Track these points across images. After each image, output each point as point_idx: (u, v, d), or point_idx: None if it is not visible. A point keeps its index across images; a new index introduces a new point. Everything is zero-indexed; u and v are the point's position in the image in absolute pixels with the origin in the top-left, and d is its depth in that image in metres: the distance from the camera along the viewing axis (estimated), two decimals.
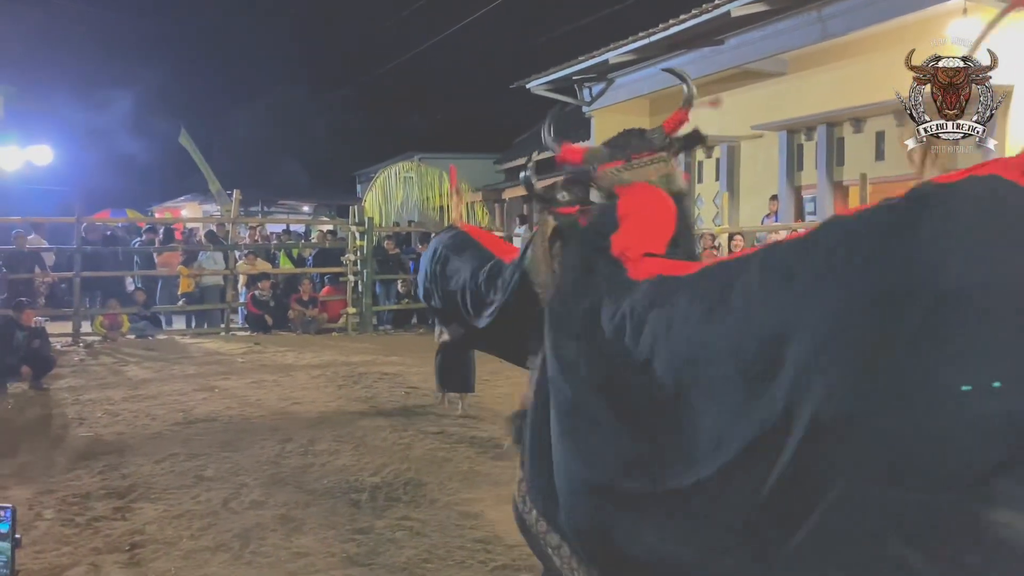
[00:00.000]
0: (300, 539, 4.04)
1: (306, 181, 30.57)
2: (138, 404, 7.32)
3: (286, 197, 27.30)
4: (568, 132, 18.20)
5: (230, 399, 7.61)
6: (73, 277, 11.83)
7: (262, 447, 5.81)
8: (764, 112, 11.97)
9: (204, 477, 5.11)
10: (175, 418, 6.78)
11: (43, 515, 4.39)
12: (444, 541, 4.03)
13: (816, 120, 11.25)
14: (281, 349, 10.80)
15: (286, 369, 9.19)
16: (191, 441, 6.00)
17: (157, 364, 9.59)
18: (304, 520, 4.30)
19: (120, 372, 9.14)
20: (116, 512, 4.45)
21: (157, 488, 4.88)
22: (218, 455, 5.60)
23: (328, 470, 5.24)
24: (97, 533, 4.13)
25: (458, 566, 3.75)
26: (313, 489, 4.84)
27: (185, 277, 12.89)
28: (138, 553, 3.88)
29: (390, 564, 3.75)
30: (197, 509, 4.50)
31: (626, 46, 13.10)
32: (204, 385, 8.25)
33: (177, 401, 7.46)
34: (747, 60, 12.04)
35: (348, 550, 3.91)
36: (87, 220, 13.24)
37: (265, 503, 4.58)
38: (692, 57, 12.91)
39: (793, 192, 12.07)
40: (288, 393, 7.85)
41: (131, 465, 5.36)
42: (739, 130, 12.56)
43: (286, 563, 3.75)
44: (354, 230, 13.24)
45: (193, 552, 3.89)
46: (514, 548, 3.92)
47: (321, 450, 5.71)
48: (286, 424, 6.53)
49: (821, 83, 11.30)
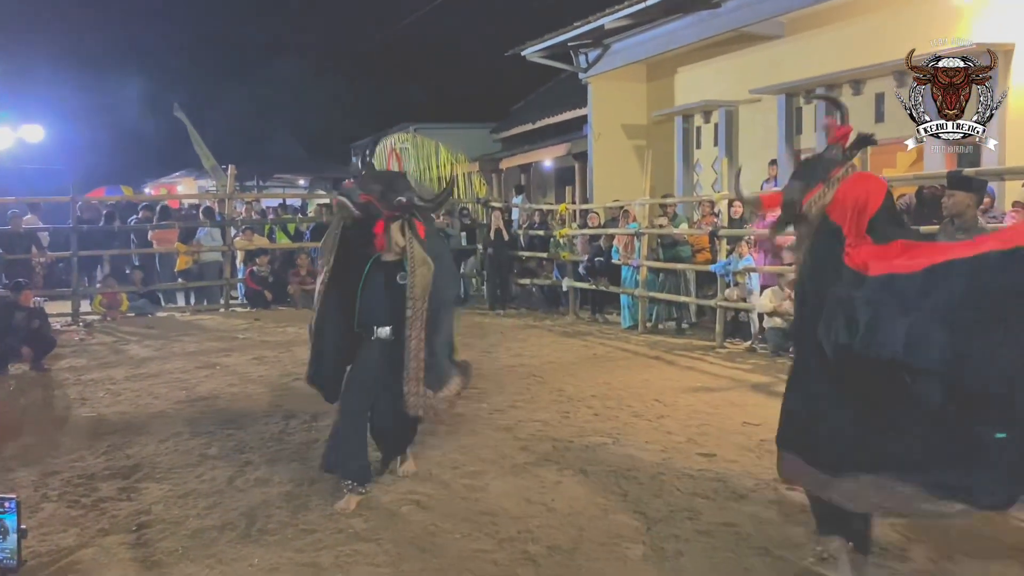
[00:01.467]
0: (307, 516, 4.05)
1: (301, 154, 30.43)
2: (140, 383, 7.32)
3: (281, 171, 27.16)
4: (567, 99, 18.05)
5: (232, 376, 7.61)
6: (71, 256, 11.78)
7: (266, 424, 5.81)
8: (762, 76, 11.84)
9: (209, 455, 5.11)
10: (178, 396, 6.78)
11: (49, 497, 4.39)
12: (450, 514, 4.04)
13: (814, 83, 11.13)
14: (281, 324, 10.79)
15: (287, 344, 9.18)
16: (195, 419, 6.01)
17: (158, 342, 9.58)
18: (310, 496, 4.30)
19: (121, 351, 9.14)
20: (121, 492, 4.45)
21: (162, 467, 4.88)
22: (222, 433, 5.60)
23: None
24: (103, 514, 4.14)
25: (465, 538, 3.76)
26: (318, 465, 4.83)
27: (183, 255, 12.84)
28: (145, 533, 3.88)
29: (397, 539, 3.76)
30: (203, 488, 4.50)
31: (622, 11, 12.93)
32: (206, 362, 8.24)
33: (179, 379, 7.46)
34: (744, 23, 11.89)
35: (355, 526, 3.91)
36: (82, 199, 13.16)
37: (270, 480, 4.59)
38: (689, 21, 12.75)
39: (792, 156, 11.97)
40: (290, 369, 7.85)
41: (135, 445, 5.36)
42: (737, 94, 12.44)
43: (293, 540, 3.76)
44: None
45: (200, 531, 3.90)
46: (519, 520, 3.94)
47: (325, 426, 5.69)
48: (289, 400, 6.54)
49: (819, 45, 11.17)
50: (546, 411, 6.06)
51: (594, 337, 9.82)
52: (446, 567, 3.47)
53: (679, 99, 13.78)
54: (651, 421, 5.78)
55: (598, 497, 4.23)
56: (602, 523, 3.90)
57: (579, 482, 4.48)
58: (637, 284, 10.26)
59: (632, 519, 3.93)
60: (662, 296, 10.15)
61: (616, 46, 14.65)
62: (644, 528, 3.82)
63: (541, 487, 4.41)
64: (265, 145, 29.01)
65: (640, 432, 5.48)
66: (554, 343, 9.35)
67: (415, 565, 3.49)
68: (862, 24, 10.53)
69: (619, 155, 15.27)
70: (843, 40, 10.71)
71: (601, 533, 3.78)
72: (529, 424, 5.66)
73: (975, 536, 3.58)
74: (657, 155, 12.26)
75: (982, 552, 3.48)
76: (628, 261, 10.50)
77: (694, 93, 13.38)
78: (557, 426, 5.66)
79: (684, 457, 4.92)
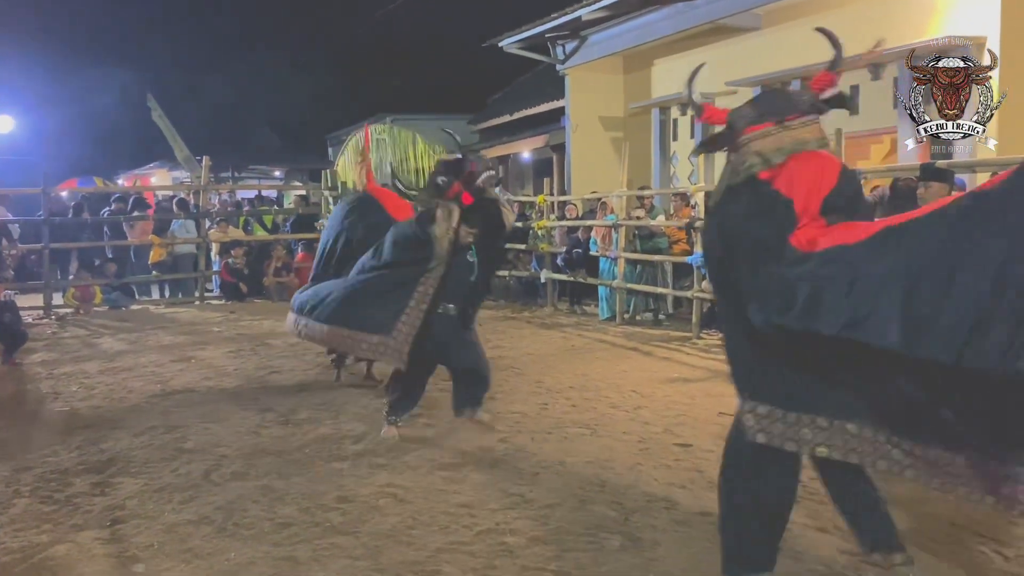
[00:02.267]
0: (283, 509, 4.03)
1: (277, 145, 30.18)
2: (114, 377, 7.24)
3: (256, 162, 26.92)
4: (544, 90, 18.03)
5: (207, 369, 7.55)
6: (42, 249, 11.62)
7: (242, 417, 5.77)
8: (738, 68, 11.89)
9: (184, 449, 5.07)
10: (152, 390, 6.71)
11: (21, 493, 4.33)
12: (428, 507, 4.03)
13: (791, 75, 11.19)
14: (257, 317, 10.72)
15: (263, 337, 9.12)
16: (169, 413, 5.95)
17: (132, 335, 9.48)
18: (287, 490, 4.28)
19: (94, 344, 9.03)
20: (95, 488, 4.40)
21: (137, 462, 4.83)
22: (197, 426, 5.55)
23: (309, 439, 5.22)
24: (77, 509, 4.09)
25: (443, 531, 3.75)
26: (295, 459, 4.83)
27: (157, 247, 12.70)
28: (119, 528, 3.84)
29: (375, 532, 3.74)
30: (178, 482, 4.46)
31: (599, 2, 12.93)
32: (181, 355, 8.17)
33: (154, 373, 7.39)
34: (721, 15, 11.93)
35: (332, 519, 3.90)
36: (54, 190, 12.97)
37: (247, 474, 4.56)
38: (666, 12, 12.77)
39: None
40: (266, 362, 7.80)
41: (109, 439, 5.30)
42: (714, 87, 12.47)
43: (270, 534, 3.74)
44: (327, 195, 13.08)
45: (175, 526, 3.86)
46: (498, 512, 3.94)
47: (302, 419, 5.69)
48: (265, 394, 6.50)
49: (795, 38, 11.21)
50: (524, 403, 6.07)
51: (572, 329, 9.84)
52: (424, 559, 3.46)
53: (656, 91, 13.80)
54: (628, 412, 5.80)
55: (576, 488, 4.25)
56: (580, 514, 3.91)
57: (557, 473, 4.50)
58: (615, 276, 10.29)
59: (610, 509, 3.95)
60: (640, 288, 10.19)
61: (593, 38, 14.65)
62: (622, 519, 3.84)
63: (519, 479, 4.41)
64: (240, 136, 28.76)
65: (617, 423, 5.50)
66: (532, 335, 9.36)
67: (393, 558, 3.48)
68: (837, 16, 10.58)
69: (597, 147, 15.29)
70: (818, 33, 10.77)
71: (579, 524, 3.79)
72: (507, 416, 5.67)
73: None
74: (634, 147, 12.28)
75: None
76: (606, 253, 10.52)
77: (671, 85, 13.39)
78: (535, 417, 5.67)
79: (661, 447, 4.95)
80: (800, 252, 2.61)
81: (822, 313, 2.45)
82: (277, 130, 31.61)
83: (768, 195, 2.75)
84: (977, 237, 2.18)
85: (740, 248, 2.78)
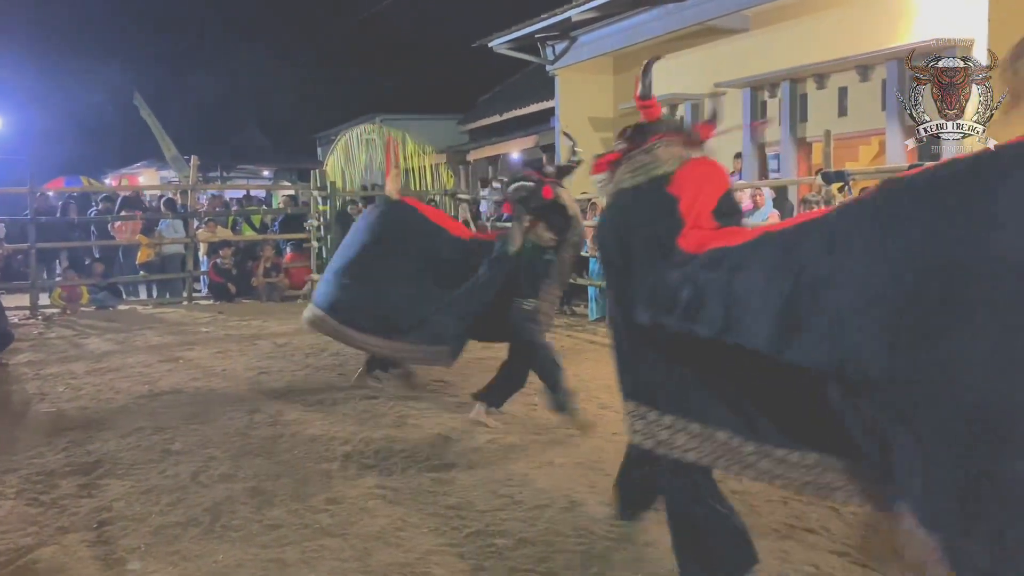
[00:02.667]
0: (272, 511, 4.01)
1: (266, 145, 30.09)
2: (101, 377, 7.20)
3: (245, 162, 26.85)
4: (534, 91, 18.03)
5: (195, 370, 7.51)
6: (28, 248, 11.54)
7: (230, 418, 5.74)
8: (727, 69, 11.93)
9: (172, 451, 5.04)
10: (140, 391, 6.67)
11: (6, 495, 4.30)
12: (417, 509, 4.02)
13: (779, 77, 11.25)
14: (245, 318, 10.67)
15: (251, 338, 9.09)
16: (157, 414, 5.92)
17: (119, 336, 9.42)
18: (275, 492, 4.26)
19: (81, 345, 8.97)
20: (82, 489, 4.37)
21: (124, 463, 4.80)
22: (185, 428, 5.52)
23: (298, 440, 5.20)
24: (63, 511, 4.06)
25: (432, 533, 3.74)
26: (283, 460, 4.80)
27: (145, 247, 12.64)
28: (106, 531, 3.82)
29: (363, 534, 3.73)
30: (165, 484, 4.43)
31: (589, 3, 12.95)
32: (168, 356, 8.13)
33: (141, 373, 7.35)
34: (710, 16, 11.97)
35: (321, 521, 3.88)
36: (40, 189, 12.89)
37: (235, 476, 4.54)
38: (656, 13, 12.80)
39: (757, 150, 12.10)
40: (254, 363, 7.77)
41: (96, 440, 5.27)
42: (702, 88, 12.52)
43: (258, 536, 3.72)
44: (316, 195, 13.04)
45: (163, 528, 3.84)
46: (487, 513, 3.94)
47: (290, 420, 5.66)
48: (253, 394, 6.47)
49: (784, 39, 11.28)
50: (514, 403, 6.06)
51: (562, 329, 9.84)
52: (413, 561, 3.45)
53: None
54: (618, 413, 5.75)
55: (565, 489, 4.24)
56: (570, 515, 3.91)
57: (547, 474, 4.49)
58: None
59: (600, 510, 3.94)
60: None
61: (583, 38, 14.67)
62: (611, 520, 3.84)
63: (508, 480, 4.41)
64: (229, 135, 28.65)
65: (607, 424, 5.50)
66: None
67: (382, 559, 3.47)
68: (826, 18, 10.64)
69: (586, 147, 15.23)
70: (807, 34, 10.82)
71: (568, 525, 3.78)
72: (496, 416, 5.66)
73: None
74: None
75: None
76: (595, 253, 10.52)
77: (660, 86, 13.40)
78: (524, 419, 5.67)
79: None
80: (687, 253, 2.68)
81: (703, 314, 2.51)
82: (266, 130, 31.52)
83: (663, 195, 2.88)
84: (847, 248, 2.19)
85: (632, 246, 2.87)
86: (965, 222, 1.89)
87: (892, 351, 2.02)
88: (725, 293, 2.46)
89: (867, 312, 2.08)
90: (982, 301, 1.85)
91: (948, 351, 1.91)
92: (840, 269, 2.17)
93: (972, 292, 1.87)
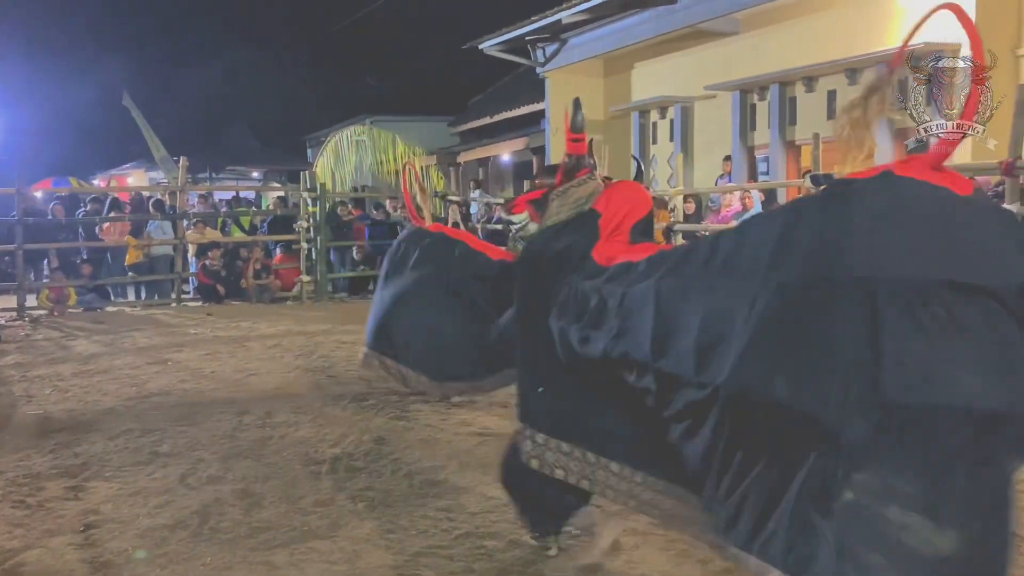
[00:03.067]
0: (260, 513, 3.99)
1: (255, 146, 30.00)
2: (89, 379, 7.16)
3: (235, 163, 26.77)
4: (524, 93, 18.04)
5: (184, 372, 7.48)
6: (15, 250, 11.47)
7: (218, 421, 5.72)
8: (717, 72, 11.99)
9: (160, 453, 5.01)
10: (128, 393, 6.64)
11: None
12: (407, 511, 4.01)
13: (768, 80, 11.31)
14: (235, 319, 10.63)
15: (240, 340, 9.05)
16: (145, 416, 5.88)
17: (107, 337, 9.37)
18: (264, 494, 4.24)
19: (68, 347, 8.92)
20: (69, 492, 4.35)
21: (111, 466, 4.77)
22: (173, 430, 5.49)
23: (287, 442, 5.18)
24: (50, 514, 4.04)
25: (421, 535, 3.73)
26: (272, 462, 4.79)
27: (133, 248, 12.58)
28: (93, 533, 3.79)
29: (353, 536, 3.72)
30: (153, 486, 4.41)
31: (579, 5, 12.98)
32: (156, 358, 8.09)
33: (129, 375, 7.31)
34: (700, 19, 12.01)
35: (310, 523, 3.87)
36: (28, 190, 12.81)
37: (223, 478, 4.52)
38: (645, 16, 12.84)
39: (746, 152, 12.15)
40: (243, 364, 7.74)
41: (83, 443, 5.23)
42: (692, 90, 12.57)
43: (246, 538, 3.70)
44: (306, 196, 13.02)
45: (150, 530, 3.82)
46: (477, 515, 3.93)
47: (279, 422, 5.64)
48: (242, 396, 6.44)
49: (773, 42, 11.34)
50: (504, 405, 6.05)
51: None
52: (403, 564, 3.45)
53: (636, 94, 13.88)
54: None
55: None
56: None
57: None
58: None
59: None
60: None
61: (573, 41, 14.70)
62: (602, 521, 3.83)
63: (498, 482, 4.39)
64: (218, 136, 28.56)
65: None
66: None
67: (371, 562, 3.46)
68: (815, 21, 10.70)
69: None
70: (797, 37, 10.88)
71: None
72: (487, 419, 5.65)
73: None
74: (614, 150, 12.30)
75: None
76: None
77: (650, 89, 13.48)
78: (515, 420, 5.64)
79: None
80: (598, 265, 2.86)
81: (602, 323, 2.67)
82: (256, 131, 31.42)
83: (587, 213, 3.07)
84: (725, 266, 2.34)
85: (546, 260, 3.02)
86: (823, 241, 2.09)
87: (743, 363, 2.15)
88: (620, 305, 2.63)
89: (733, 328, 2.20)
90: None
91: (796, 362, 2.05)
92: (714, 285, 2.33)
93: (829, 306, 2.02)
